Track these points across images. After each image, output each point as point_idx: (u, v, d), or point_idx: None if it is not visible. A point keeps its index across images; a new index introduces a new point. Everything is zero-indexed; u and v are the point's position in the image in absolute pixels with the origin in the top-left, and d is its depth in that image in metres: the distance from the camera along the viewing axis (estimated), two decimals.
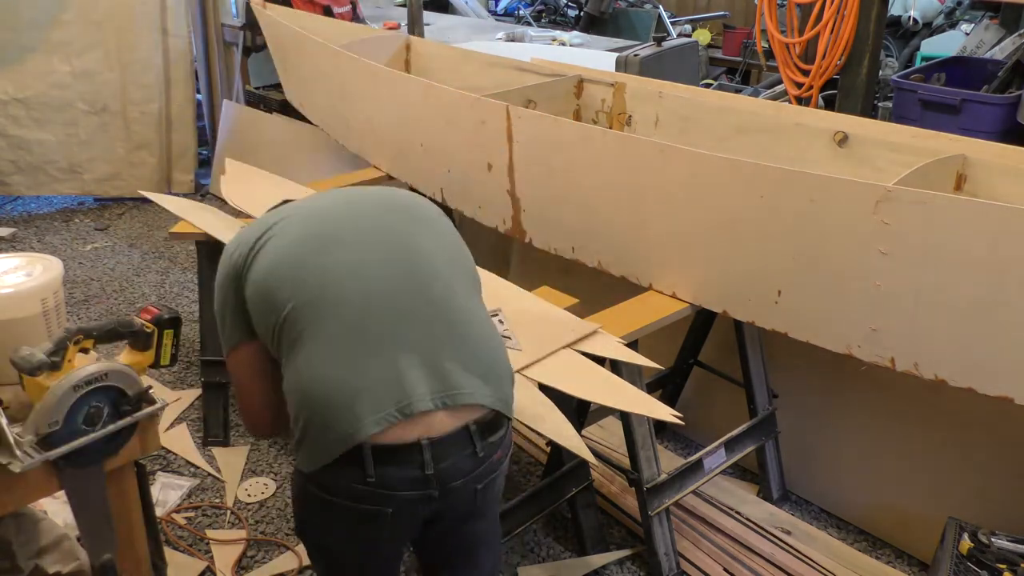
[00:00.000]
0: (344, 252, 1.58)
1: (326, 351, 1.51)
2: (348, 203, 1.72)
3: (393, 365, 1.50)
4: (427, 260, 1.62)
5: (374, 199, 1.74)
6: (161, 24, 5.19)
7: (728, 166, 2.23)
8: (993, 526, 2.19)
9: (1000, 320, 1.87)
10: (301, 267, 1.56)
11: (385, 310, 1.54)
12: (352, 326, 1.52)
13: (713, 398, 3.07)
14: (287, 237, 1.60)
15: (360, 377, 1.49)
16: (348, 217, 1.67)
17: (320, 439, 1.49)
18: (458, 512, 1.60)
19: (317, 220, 1.65)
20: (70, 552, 1.99)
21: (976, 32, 4.80)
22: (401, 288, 1.57)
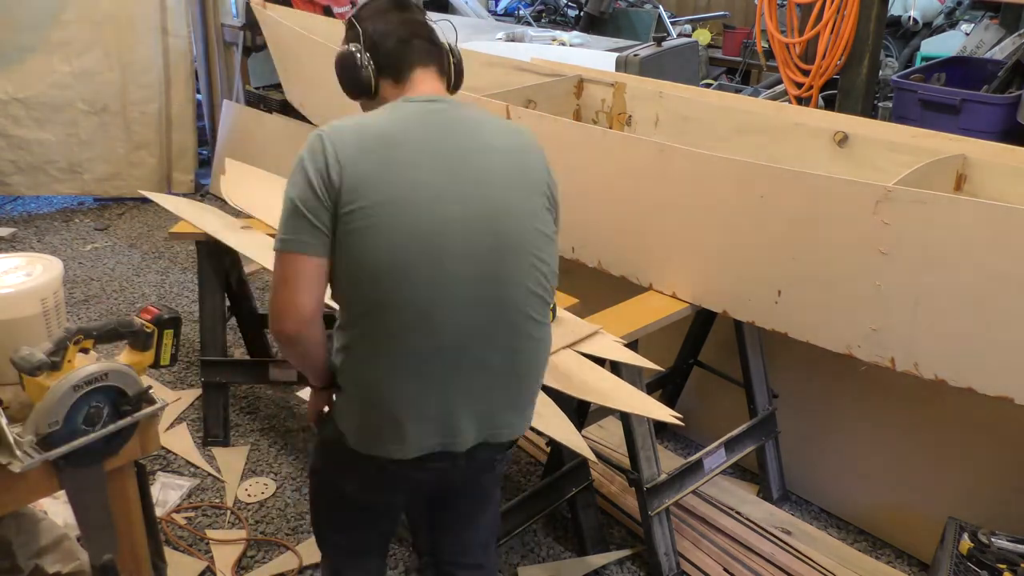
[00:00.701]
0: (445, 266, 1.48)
1: (395, 364, 1.50)
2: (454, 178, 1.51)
3: (451, 406, 1.54)
4: (513, 278, 1.54)
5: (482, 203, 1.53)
6: (161, 24, 5.19)
7: (728, 166, 2.23)
8: (993, 526, 2.19)
9: (1000, 320, 1.87)
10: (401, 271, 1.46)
11: (462, 339, 1.51)
12: (427, 349, 1.49)
13: (713, 398, 3.07)
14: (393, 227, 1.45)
15: (420, 406, 1.52)
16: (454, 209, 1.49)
17: (362, 434, 1.57)
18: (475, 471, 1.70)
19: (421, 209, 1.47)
20: (70, 552, 1.99)
21: (976, 32, 4.80)
22: (483, 314, 1.52)
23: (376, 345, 1.51)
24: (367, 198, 1.44)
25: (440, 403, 1.53)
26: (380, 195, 1.45)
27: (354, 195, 1.44)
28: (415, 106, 1.57)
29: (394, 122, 1.54)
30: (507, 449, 1.70)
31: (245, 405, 3.35)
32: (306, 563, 2.55)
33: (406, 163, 1.48)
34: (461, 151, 1.53)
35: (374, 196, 1.45)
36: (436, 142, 1.52)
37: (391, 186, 1.46)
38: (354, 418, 1.58)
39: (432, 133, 1.53)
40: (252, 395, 3.42)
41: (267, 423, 3.24)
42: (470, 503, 1.83)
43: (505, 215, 1.53)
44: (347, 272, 1.49)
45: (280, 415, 3.29)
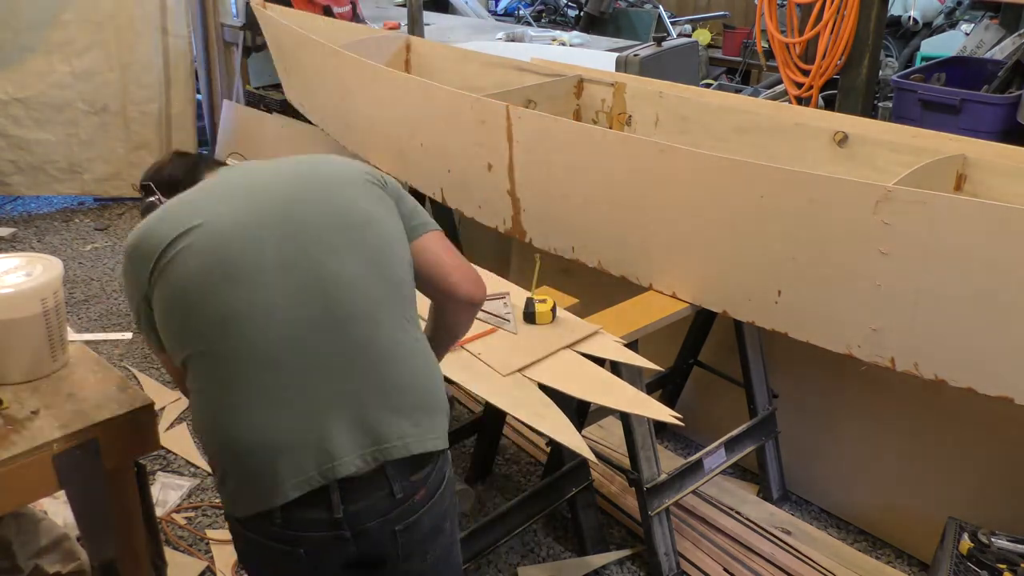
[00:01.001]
0: (250, 291, 1.40)
1: (241, 403, 1.38)
2: (255, 214, 1.46)
3: (315, 422, 1.38)
4: (345, 290, 1.43)
5: (284, 200, 1.48)
6: (161, 24, 5.19)
7: (728, 166, 2.23)
8: (993, 526, 2.18)
9: (1000, 320, 1.87)
10: (202, 309, 1.39)
11: (301, 359, 1.39)
12: (266, 378, 1.38)
13: (713, 398, 3.07)
14: (191, 259, 1.41)
15: (279, 436, 1.37)
16: (253, 236, 1.43)
17: (238, 494, 1.42)
18: (384, 554, 1.46)
19: (222, 237, 1.42)
20: (70, 552, 1.99)
21: (976, 32, 4.80)
22: (317, 331, 1.40)
23: (206, 383, 1.42)
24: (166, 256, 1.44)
25: (285, 424, 1.37)
26: (179, 242, 1.44)
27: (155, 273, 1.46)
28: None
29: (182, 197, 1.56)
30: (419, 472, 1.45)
31: None
32: None
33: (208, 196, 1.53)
34: (248, 181, 1.56)
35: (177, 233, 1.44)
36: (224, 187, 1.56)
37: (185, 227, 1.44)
38: (229, 490, 1.43)
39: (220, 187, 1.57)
40: None
41: None
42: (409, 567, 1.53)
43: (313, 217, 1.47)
44: (170, 322, 1.45)
45: None
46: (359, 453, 1.39)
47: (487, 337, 2.23)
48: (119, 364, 3.53)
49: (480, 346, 2.19)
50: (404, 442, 1.42)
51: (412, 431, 1.43)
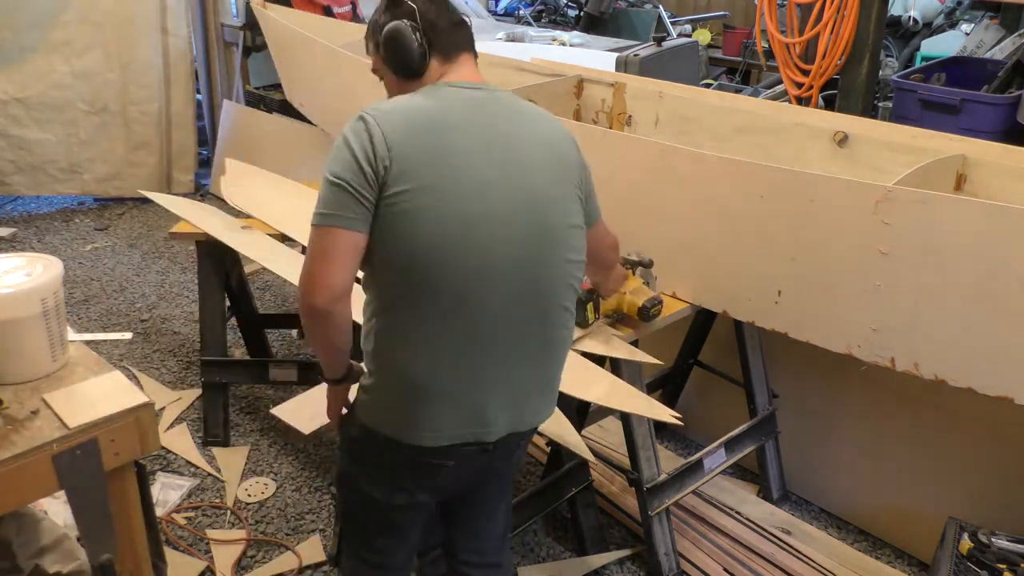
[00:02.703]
0: (484, 266, 1.49)
1: (440, 351, 1.51)
2: (500, 168, 1.52)
3: (487, 391, 1.55)
4: (550, 269, 1.56)
5: (524, 191, 1.53)
6: (161, 24, 5.19)
7: (728, 166, 2.23)
8: (993, 526, 2.19)
9: (1000, 320, 1.87)
10: (445, 263, 1.47)
11: (503, 336, 1.53)
12: (470, 343, 1.51)
13: (713, 398, 3.07)
14: (438, 212, 1.46)
15: (457, 394, 1.53)
16: (498, 198, 1.50)
17: (396, 417, 1.56)
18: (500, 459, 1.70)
19: (468, 196, 1.48)
20: (70, 552, 1.99)
21: (976, 32, 4.80)
22: (522, 318, 1.55)
23: (412, 330, 1.50)
24: (413, 181, 1.44)
25: (475, 392, 1.54)
26: (426, 180, 1.45)
27: (401, 178, 1.44)
28: (459, 92, 1.57)
29: (440, 108, 1.53)
30: (530, 435, 1.72)
31: (245, 405, 3.35)
32: (306, 563, 2.55)
33: (453, 150, 1.48)
34: (506, 140, 1.54)
35: (421, 180, 1.45)
36: (482, 130, 1.53)
37: (438, 172, 1.46)
38: (385, 405, 1.57)
39: (478, 120, 1.54)
40: (252, 395, 3.42)
41: (267, 423, 3.24)
42: (489, 494, 1.83)
43: (546, 208, 1.55)
44: (387, 254, 1.48)
45: None
46: (507, 428, 1.60)
47: None
48: (119, 364, 3.53)
49: None
50: (536, 417, 1.67)
51: (545, 410, 1.68)
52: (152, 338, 3.84)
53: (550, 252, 1.55)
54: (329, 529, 2.68)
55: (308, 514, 2.76)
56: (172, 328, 3.94)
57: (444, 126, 1.50)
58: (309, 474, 2.95)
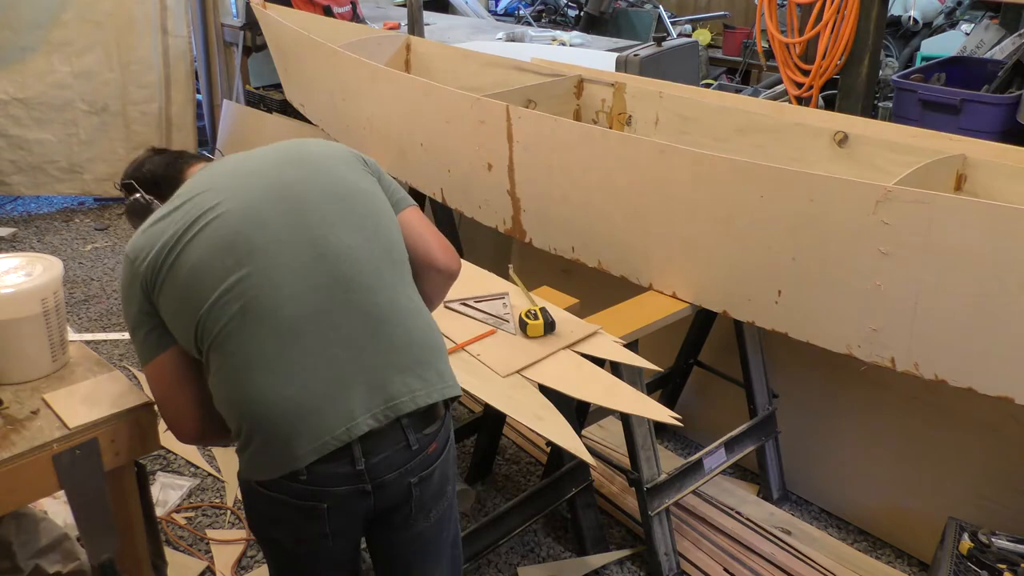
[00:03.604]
0: (263, 270, 1.48)
1: (259, 369, 1.45)
2: (254, 198, 1.54)
3: (329, 386, 1.46)
4: (346, 258, 1.52)
5: (278, 180, 1.57)
6: (161, 24, 5.19)
7: (728, 166, 2.23)
8: (993, 526, 2.19)
9: (1000, 320, 1.87)
10: (220, 294, 1.46)
11: (313, 325, 1.47)
12: (283, 344, 1.46)
13: (713, 398, 3.07)
14: (199, 249, 1.49)
15: (303, 402, 1.45)
16: (257, 219, 1.51)
17: (261, 456, 1.47)
18: (397, 509, 1.56)
19: (228, 225, 1.50)
20: (70, 552, 1.99)
21: (976, 32, 4.80)
22: (326, 301, 1.49)
23: (228, 360, 1.46)
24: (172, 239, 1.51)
25: (308, 388, 1.45)
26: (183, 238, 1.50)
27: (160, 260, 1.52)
28: None
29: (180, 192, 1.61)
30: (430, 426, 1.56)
31: None
32: None
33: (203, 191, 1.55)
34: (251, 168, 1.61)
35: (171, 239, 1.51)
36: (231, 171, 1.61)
37: (187, 222, 1.51)
38: (249, 449, 1.48)
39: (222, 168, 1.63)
40: None
41: None
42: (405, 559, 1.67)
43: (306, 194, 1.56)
44: (184, 314, 1.50)
45: None
46: (372, 412, 1.47)
47: (487, 338, 2.23)
48: (119, 364, 3.53)
49: (480, 347, 2.19)
50: (412, 396, 1.51)
51: (419, 385, 1.52)
52: None
53: (331, 235, 1.53)
54: None
55: None
56: None
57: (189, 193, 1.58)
58: None
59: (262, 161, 1.63)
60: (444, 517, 1.67)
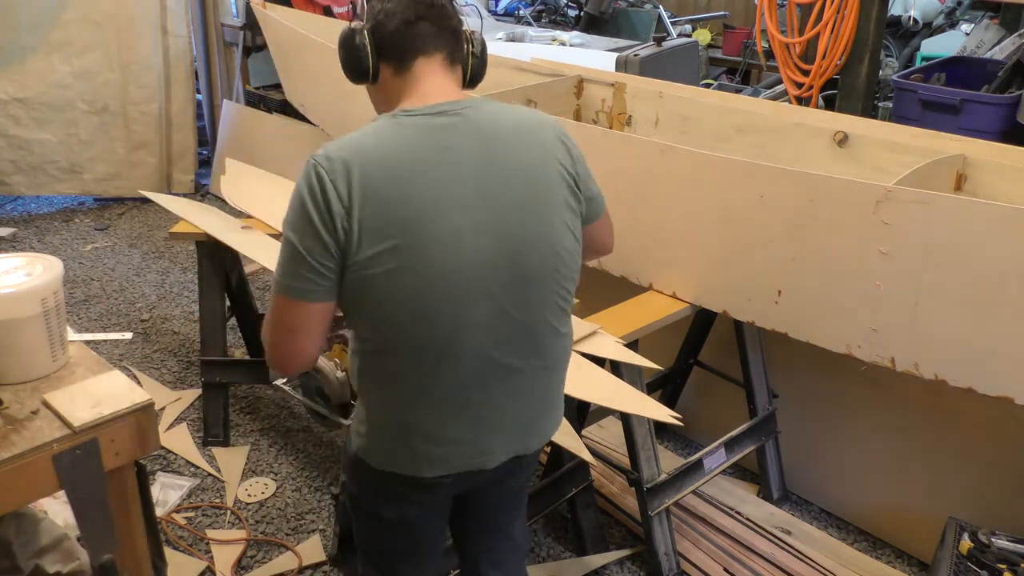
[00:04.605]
0: (465, 307, 1.40)
1: (434, 402, 1.45)
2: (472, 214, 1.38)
3: (482, 430, 1.50)
4: (537, 308, 1.46)
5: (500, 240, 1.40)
6: (161, 24, 5.19)
7: (728, 166, 2.23)
8: (993, 526, 2.19)
9: (1000, 320, 1.87)
10: (429, 319, 1.38)
11: (487, 371, 1.45)
12: (447, 384, 1.44)
13: (713, 398, 3.07)
14: (407, 272, 1.35)
15: (450, 434, 1.48)
16: (473, 246, 1.38)
17: (386, 453, 1.51)
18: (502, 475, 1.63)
19: (438, 252, 1.36)
20: (70, 552, 1.99)
21: (976, 32, 4.80)
22: (508, 345, 1.45)
23: (397, 379, 1.45)
24: (378, 244, 1.33)
25: (466, 431, 1.49)
26: (392, 241, 1.33)
27: (363, 242, 1.33)
28: (418, 123, 1.40)
29: (399, 151, 1.37)
30: (535, 458, 1.68)
31: (245, 405, 3.35)
32: (306, 563, 2.55)
33: (418, 203, 1.34)
34: (478, 179, 1.39)
35: (385, 242, 1.33)
36: (449, 171, 1.37)
37: (402, 229, 1.33)
38: (375, 438, 1.52)
39: (444, 160, 1.38)
40: (252, 395, 3.42)
41: (267, 423, 3.24)
42: (501, 508, 1.77)
43: (526, 242, 1.42)
44: (360, 313, 1.42)
45: (280, 415, 3.29)
46: (505, 453, 1.55)
47: None
48: (119, 364, 3.53)
49: None
50: (544, 437, 1.62)
51: (549, 427, 1.62)
52: (152, 338, 3.84)
53: (536, 291, 1.46)
54: (329, 529, 2.68)
55: (308, 514, 2.77)
56: (172, 328, 3.94)
57: (405, 175, 1.35)
58: (309, 474, 2.95)
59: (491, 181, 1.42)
60: (530, 472, 1.76)
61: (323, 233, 1.33)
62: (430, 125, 1.40)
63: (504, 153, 1.42)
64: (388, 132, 1.40)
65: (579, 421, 2.45)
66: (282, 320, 1.41)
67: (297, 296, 1.37)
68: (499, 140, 1.43)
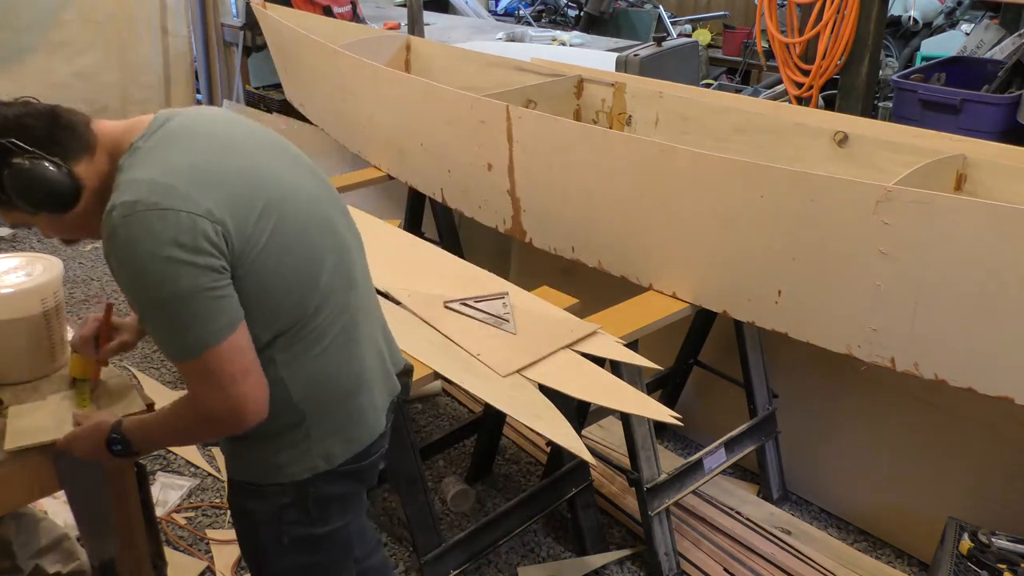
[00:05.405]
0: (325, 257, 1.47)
1: (336, 356, 1.48)
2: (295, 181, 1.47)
3: (378, 356, 1.60)
4: (343, 235, 1.56)
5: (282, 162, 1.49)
6: (161, 24, 5.20)
7: (728, 166, 2.23)
8: (993, 526, 2.19)
9: (1000, 320, 1.87)
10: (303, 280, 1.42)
11: (359, 307, 1.55)
12: (347, 330, 1.51)
13: (713, 398, 3.07)
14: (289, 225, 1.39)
15: (368, 374, 1.55)
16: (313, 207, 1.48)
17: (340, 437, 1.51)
18: None
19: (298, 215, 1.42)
20: (70, 552, 1.99)
21: (976, 32, 4.80)
22: (354, 276, 1.55)
23: (320, 348, 1.45)
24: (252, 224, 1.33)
25: (371, 361, 1.57)
26: (255, 207, 1.34)
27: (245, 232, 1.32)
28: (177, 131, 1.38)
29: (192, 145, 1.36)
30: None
31: None
32: None
33: (245, 170, 1.38)
34: (263, 148, 1.47)
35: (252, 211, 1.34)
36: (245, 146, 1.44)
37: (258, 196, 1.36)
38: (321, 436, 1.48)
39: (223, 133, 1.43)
40: None
41: None
42: None
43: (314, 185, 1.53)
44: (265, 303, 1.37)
45: None
46: (394, 372, 1.67)
47: (487, 337, 2.23)
48: (119, 364, 3.53)
49: (480, 346, 2.19)
50: (400, 358, 1.74)
51: (397, 354, 1.74)
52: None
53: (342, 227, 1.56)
54: None
55: None
56: None
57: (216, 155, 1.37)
58: None
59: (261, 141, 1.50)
60: None
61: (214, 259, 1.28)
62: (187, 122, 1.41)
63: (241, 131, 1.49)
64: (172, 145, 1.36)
65: (579, 421, 2.45)
66: (226, 371, 1.31)
67: (229, 332, 1.30)
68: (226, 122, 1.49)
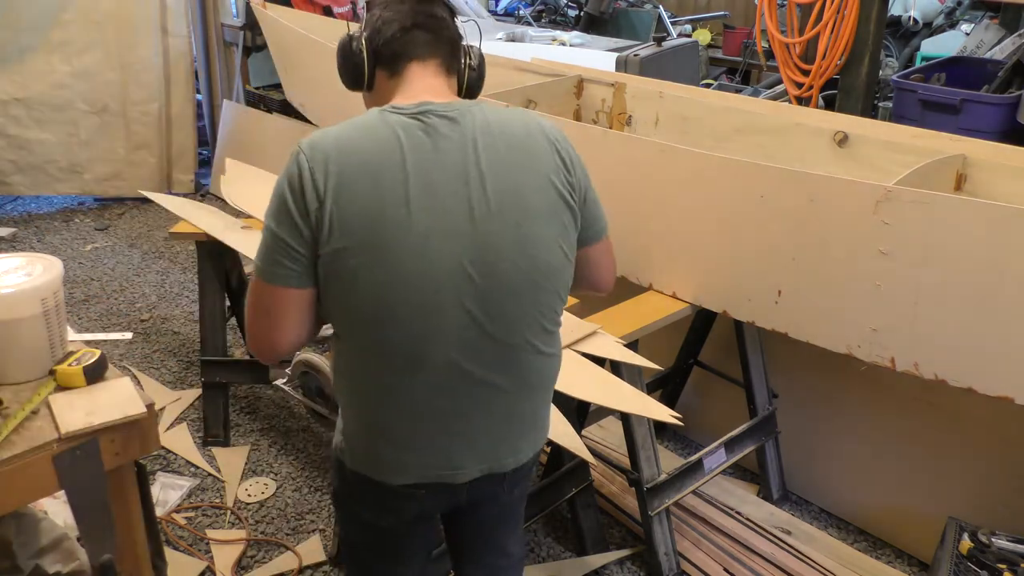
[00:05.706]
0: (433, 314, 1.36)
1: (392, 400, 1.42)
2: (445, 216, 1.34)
3: (451, 439, 1.46)
4: (514, 320, 1.40)
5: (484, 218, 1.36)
6: (161, 24, 5.19)
7: (728, 166, 2.23)
8: (993, 526, 2.19)
9: (1000, 320, 1.87)
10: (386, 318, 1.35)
11: (456, 380, 1.41)
12: (420, 391, 1.41)
13: (713, 398, 3.07)
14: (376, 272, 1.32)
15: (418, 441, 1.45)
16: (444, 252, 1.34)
17: (362, 457, 1.50)
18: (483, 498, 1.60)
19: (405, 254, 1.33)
20: (70, 552, 1.99)
21: (976, 32, 4.80)
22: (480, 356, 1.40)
23: (368, 380, 1.43)
24: (347, 239, 1.31)
25: (433, 441, 1.45)
26: (360, 237, 1.31)
27: (334, 235, 1.31)
28: (404, 122, 1.37)
29: (378, 144, 1.35)
30: (519, 476, 1.59)
31: (245, 405, 3.35)
32: (306, 563, 2.55)
33: (391, 199, 1.32)
34: (455, 182, 1.35)
35: (353, 238, 1.31)
36: (426, 171, 1.34)
37: (371, 227, 1.31)
38: (352, 443, 1.51)
39: (422, 160, 1.34)
40: (252, 395, 3.42)
41: (267, 423, 3.24)
42: (494, 524, 1.73)
43: (504, 254, 1.36)
44: (330, 305, 1.40)
45: (280, 415, 3.29)
46: (480, 472, 1.50)
47: None
48: (119, 364, 3.53)
49: None
50: (520, 456, 1.55)
51: (529, 447, 1.56)
52: (152, 338, 3.84)
53: (514, 306, 1.39)
54: (329, 529, 2.68)
55: (308, 514, 2.77)
56: (172, 328, 3.94)
57: (380, 171, 1.32)
58: (309, 474, 2.95)
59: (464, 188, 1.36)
60: (525, 488, 1.73)
61: (298, 221, 1.33)
62: (416, 124, 1.37)
63: (489, 158, 1.38)
64: (372, 126, 1.38)
65: (579, 421, 2.45)
66: (259, 302, 1.41)
67: (272, 280, 1.37)
68: (487, 144, 1.39)
